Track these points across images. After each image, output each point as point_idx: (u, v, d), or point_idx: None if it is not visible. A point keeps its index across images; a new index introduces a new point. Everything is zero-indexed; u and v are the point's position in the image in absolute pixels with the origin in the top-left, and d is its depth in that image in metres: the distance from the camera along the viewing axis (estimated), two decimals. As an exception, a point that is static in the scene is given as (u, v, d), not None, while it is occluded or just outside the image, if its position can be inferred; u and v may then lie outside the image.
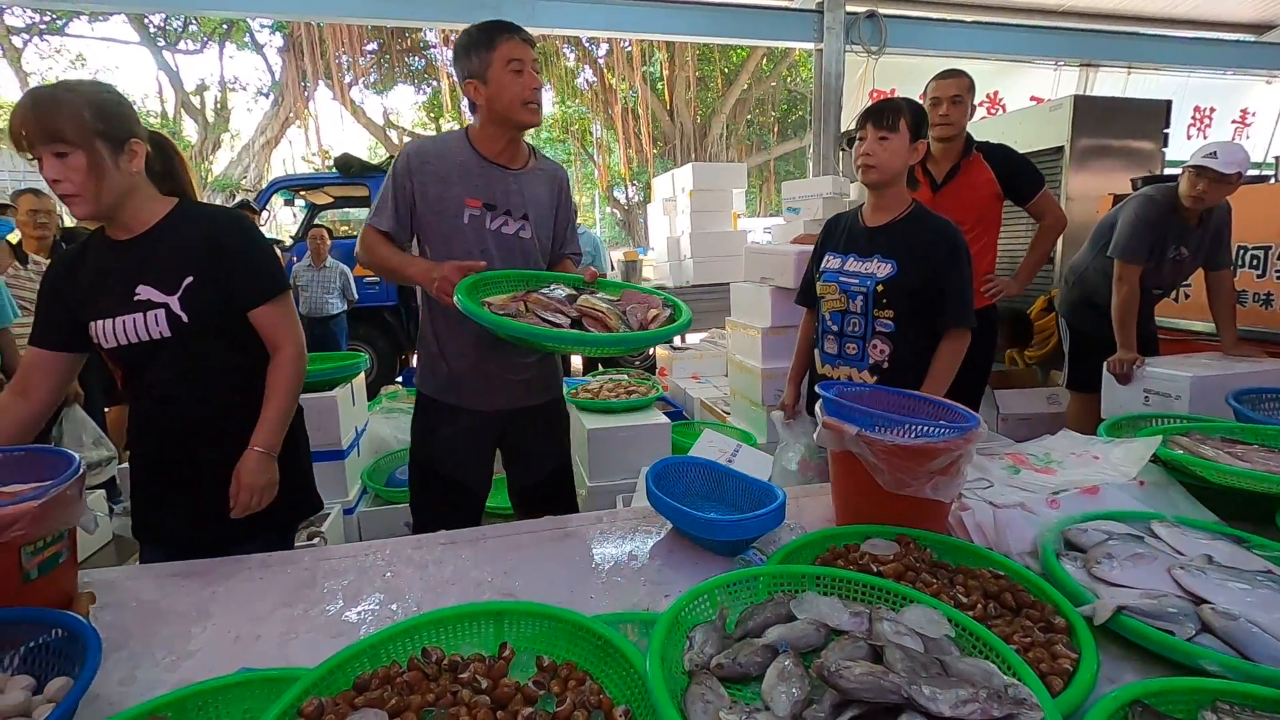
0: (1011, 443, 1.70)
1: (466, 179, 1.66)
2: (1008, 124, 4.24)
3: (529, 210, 1.72)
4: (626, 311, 1.57)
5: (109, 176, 1.25)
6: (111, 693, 0.92)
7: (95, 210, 1.28)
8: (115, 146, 1.26)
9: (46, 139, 1.20)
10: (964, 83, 2.50)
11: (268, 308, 1.40)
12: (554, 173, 1.82)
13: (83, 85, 1.25)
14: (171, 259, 1.33)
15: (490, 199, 1.68)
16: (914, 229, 1.84)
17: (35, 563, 1.01)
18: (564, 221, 1.84)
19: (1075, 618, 0.95)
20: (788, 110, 17.23)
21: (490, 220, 1.68)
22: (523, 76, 1.60)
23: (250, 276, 1.38)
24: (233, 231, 1.38)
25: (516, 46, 1.59)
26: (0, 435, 1.32)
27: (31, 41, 13.82)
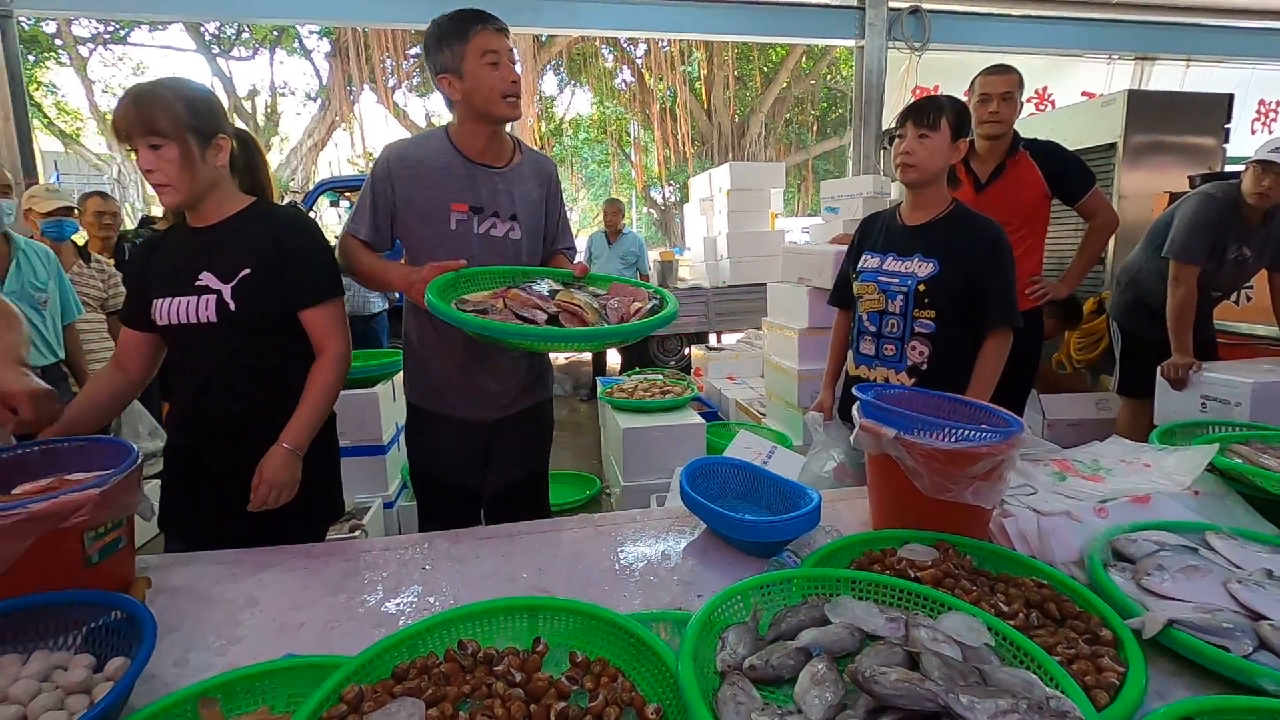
0: (1057, 448, 1.65)
1: (451, 182, 1.60)
2: (1057, 120, 4.12)
3: (518, 210, 1.66)
4: (607, 306, 1.50)
5: (196, 168, 1.33)
6: (165, 673, 0.96)
7: (182, 199, 1.36)
8: (203, 140, 1.33)
9: (143, 131, 1.28)
10: (1014, 79, 2.44)
11: (319, 310, 1.44)
12: (542, 167, 1.74)
13: (178, 83, 1.34)
14: (235, 250, 1.39)
15: (477, 201, 1.61)
16: (955, 228, 1.81)
17: (97, 547, 1.06)
18: (555, 217, 1.78)
19: (1123, 630, 0.92)
20: (827, 108, 17.00)
21: (478, 224, 1.62)
22: (499, 69, 1.52)
23: (307, 277, 1.43)
24: (298, 233, 1.44)
25: (491, 37, 1.51)
26: (98, 403, 1.45)
27: (96, 50, 14.46)
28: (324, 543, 1.42)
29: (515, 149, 1.70)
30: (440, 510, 1.80)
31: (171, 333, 1.41)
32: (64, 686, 0.83)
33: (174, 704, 0.82)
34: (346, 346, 1.47)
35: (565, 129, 17.19)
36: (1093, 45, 6.33)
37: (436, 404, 1.73)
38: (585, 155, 18.10)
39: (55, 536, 0.98)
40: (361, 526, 2.63)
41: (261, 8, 5.04)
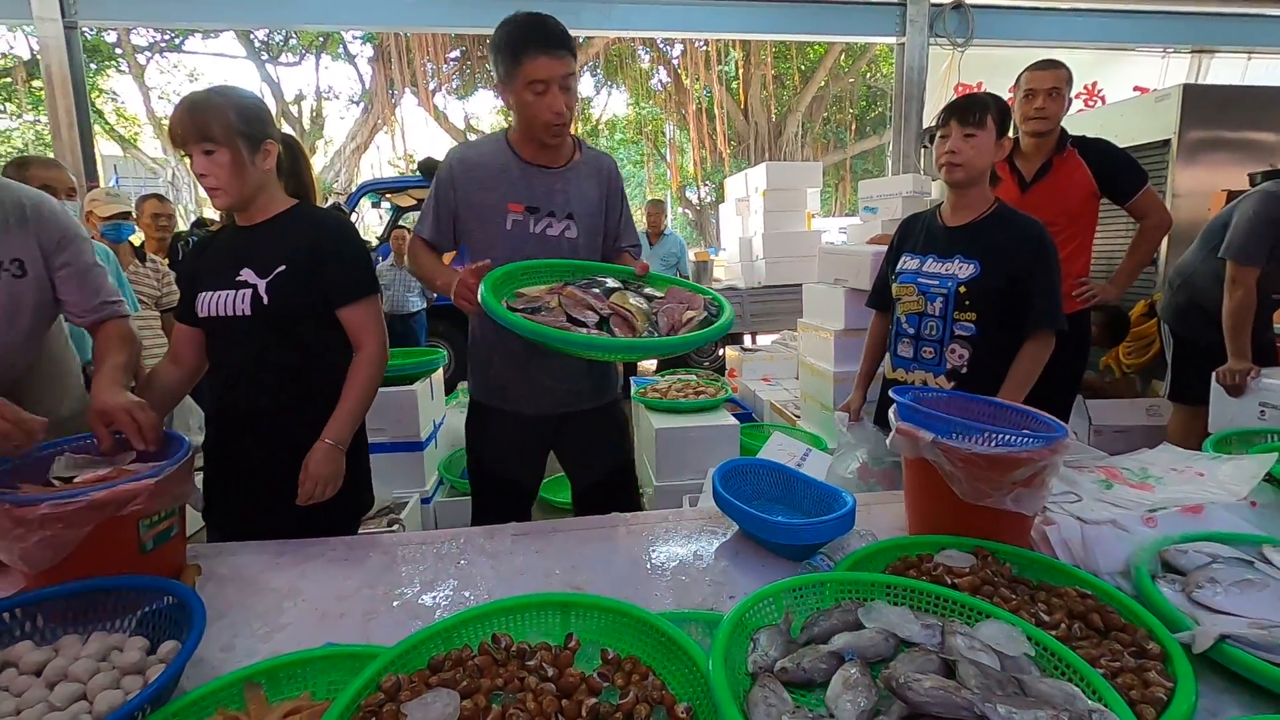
0: (1104, 455, 1.60)
1: (508, 183, 1.63)
2: (1107, 117, 3.99)
3: (574, 209, 1.66)
4: (659, 312, 1.48)
5: (246, 172, 1.39)
6: (213, 657, 1.00)
7: (233, 202, 1.42)
8: (253, 146, 1.39)
9: (197, 138, 1.34)
10: (1062, 74, 2.37)
11: (356, 307, 1.48)
12: (601, 165, 1.74)
13: (229, 91, 1.41)
14: (274, 247, 1.45)
15: (533, 201, 1.64)
16: (998, 228, 1.77)
17: (151, 535, 1.11)
18: (615, 214, 1.77)
19: (1172, 644, 0.88)
20: (866, 107, 16.75)
21: (534, 223, 1.64)
22: (545, 97, 1.50)
23: (344, 276, 1.47)
24: (335, 235, 1.48)
25: (542, 65, 1.47)
26: (155, 395, 1.49)
27: (153, 58, 15.06)
28: (364, 536, 1.45)
29: (575, 149, 1.71)
30: (492, 505, 1.82)
31: (210, 325, 1.48)
32: (120, 667, 0.87)
33: (222, 687, 0.85)
34: (383, 343, 1.51)
35: (601, 130, 17.29)
36: (1146, 38, 6.10)
37: (498, 400, 1.76)
38: (621, 156, 18.15)
39: (112, 524, 1.03)
40: (399, 521, 2.68)
41: (308, 14, 5.19)
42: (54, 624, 0.97)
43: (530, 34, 1.48)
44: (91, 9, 4.76)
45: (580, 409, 1.77)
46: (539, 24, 1.49)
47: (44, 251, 1.38)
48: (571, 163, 1.68)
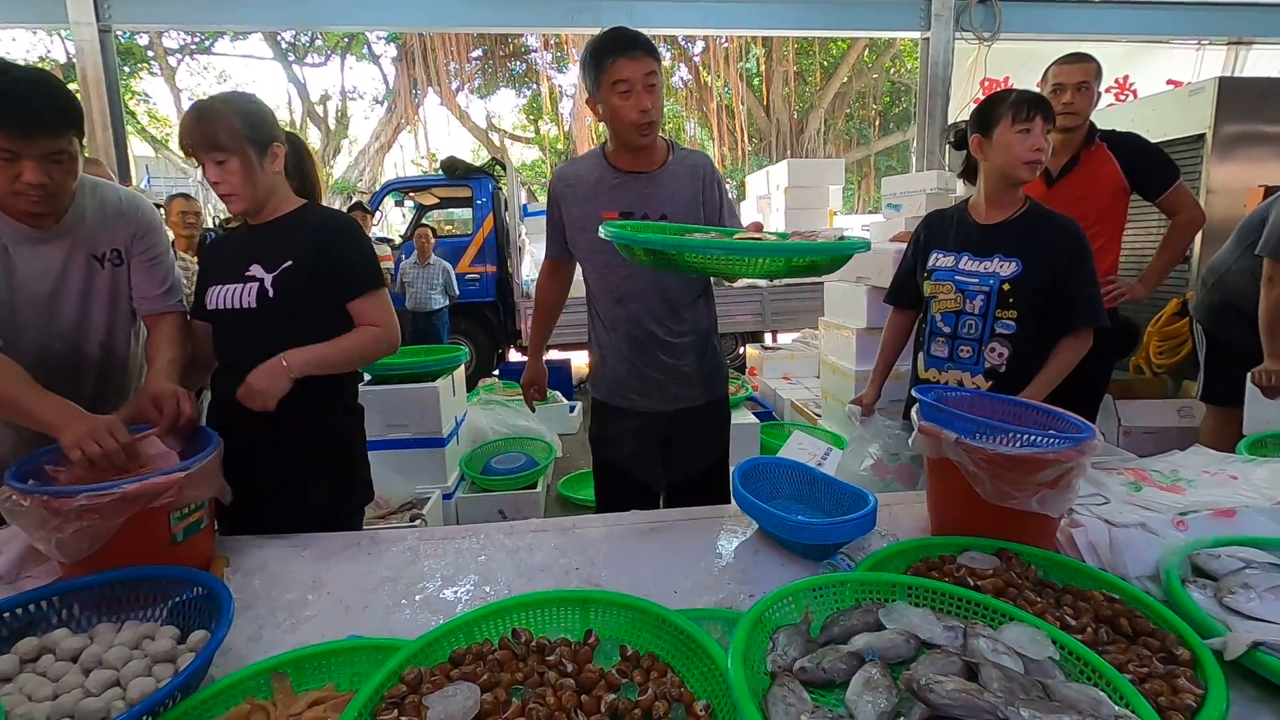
0: (1133, 457, 1.57)
1: (603, 193, 1.71)
2: (1138, 111, 3.89)
3: (667, 209, 1.70)
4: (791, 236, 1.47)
5: (257, 176, 1.43)
6: (241, 647, 1.02)
7: (247, 206, 1.46)
8: (261, 150, 1.43)
9: (208, 147, 1.38)
10: (1091, 68, 2.32)
11: (366, 298, 1.51)
12: (695, 163, 1.77)
13: (234, 98, 1.44)
14: (282, 243, 1.48)
15: (627, 207, 1.70)
16: (1035, 226, 1.74)
17: (181, 527, 1.13)
18: (715, 206, 1.78)
19: (1202, 650, 0.87)
20: (890, 103, 16.56)
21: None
22: (630, 98, 1.57)
23: (352, 271, 1.50)
24: (340, 233, 1.51)
25: (623, 66, 1.55)
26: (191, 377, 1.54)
27: (183, 61, 15.37)
28: (387, 530, 1.47)
29: (668, 151, 1.75)
30: (618, 502, 1.80)
31: (217, 319, 1.51)
32: (151, 655, 0.90)
33: (249, 676, 0.87)
34: (392, 327, 1.53)
35: (622, 128, 17.26)
36: (1180, 30, 5.94)
37: (616, 398, 1.84)
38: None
39: (145, 516, 1.06)
40: (421, 516, 2.72)
41: (334, 15, 5.25)
42: (89, 612, 1.00)
43: (611, 42, 1.58)
44: (125, 13, 4.87)
45: (694, 404, 1.83)
46: (618, 32, 1.60)
47: (133, 240, 1.49)
48: (663, 166, 1.73)
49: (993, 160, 1.74)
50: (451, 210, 8.85)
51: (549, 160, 16.77)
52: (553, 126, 16.11)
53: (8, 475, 1.08)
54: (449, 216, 9.55)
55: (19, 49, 14.35)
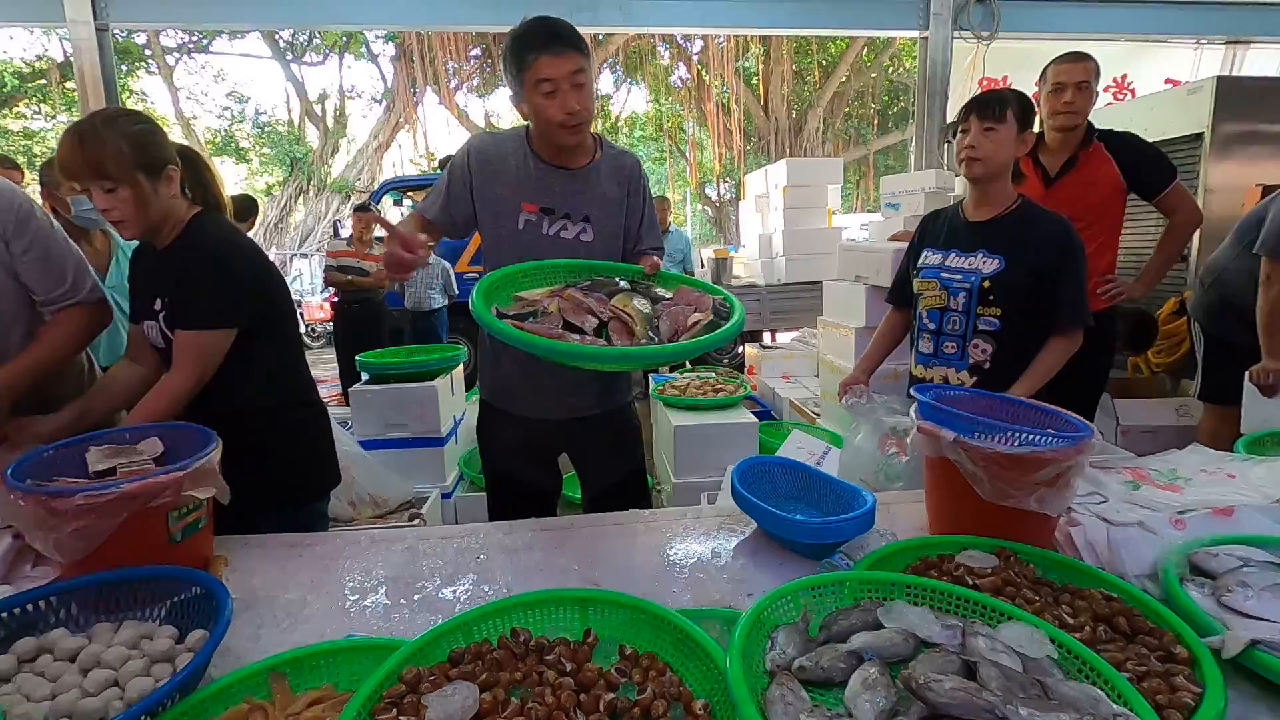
0: (1131, 456, 1.57)
1: (524, 182, 1.59)
2: (1136, 110, 3.90)
3: (590, 211, 1.61)
4: (662, 316, 1.38)
5: (151, 203, 1.39)
6: (239, 647, 1.02)
7: (140, 232, 1.43)
8: (153, 175, 1.38)
9: (93, 175, 1.32)
10: (1090, 67, 2.33)
11: (182, 333, 1.42)
12: (623, 164, 1.66)
13: (120, 119, 1.36)
14: (163, 277, 1.46)
15: (548, 202, 1.59)
16: (1022, 224, 1.75)
17: (180, 526, 1.13)
18: (637, 215, 1.69)
19: (1200, 649, 0.87)
20: (889, 102, 16.56)
21: (548, 225, 1.59)
22: (556, 97, 1.44)
23: (185, 299, 1.43)
24: (195, 257, 1.43)
25: (547, 64, 1.42)
26: (111, 391, 1.54)
27: (181, 60, 15.34)
28: (385, 530, 1.47)
29: (596, 148, 1.65)
30: (510, 507, 1.78)
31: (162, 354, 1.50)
32: (150, 655, 0.89)
33: (248, 676, 0.87)
34: (192, 379, 1.42)
35: (621, 127, 17.29)
36: (1178, 29, 5.94)
37: (504, 402, 1.74)
38: (640, 153, 18.14)
39: (143, 515, 1.05)
40: (420, 515, 2.72)
41: (332, 14, 5.23)
42: (87, 612, 0.99)
43: (533, 36, 1.44)
44: (123, 12, 4.85)
45: (590, 414, 1.73)
46: (541, 24, 1.45)
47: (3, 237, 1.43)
48: (592, 163, 1.62)
49: None
50: (450, 209, 8.85)
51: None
52: (551, 125, 16.08)
53: (6, 474, 1.07)
54: (447, 216, 9.55)
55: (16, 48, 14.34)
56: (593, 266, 1.57)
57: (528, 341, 1.21)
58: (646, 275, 1.55)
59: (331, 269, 5.58)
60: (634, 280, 1.54)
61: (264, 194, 16.58)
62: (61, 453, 1.22)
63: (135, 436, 1.29)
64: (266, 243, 15.07)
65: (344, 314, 5.79)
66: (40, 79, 13.56)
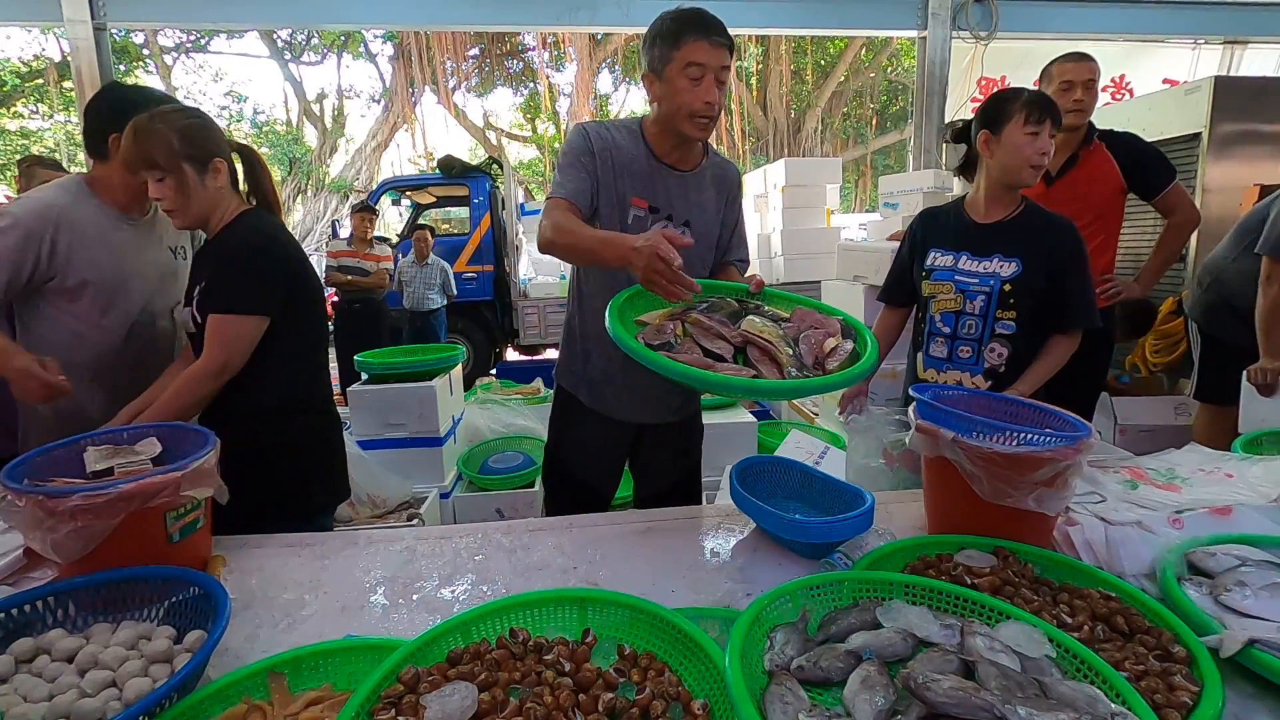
0: (1130, 455, 1.58)
1: (636, 176, 1.55)
2: (1134, 110, 3.91)
3: (691, 215, 1.60)
4: (800, 341, 1.33)
5: (196, 194, 1.45)
6: (238, 647, 1.02)
7: (189, 222, 1.50)
8: (200, 167, 1.44)
9: (145, 165, 1.42)
10: (1095, 66, 2.34)
11: (214, 317, 1.44)
12: (725, 173, 1.68)
13: (174, 114, 1.44)
14: (206, 265, 1.51)
15: (656, 201, 1.57)
16: (1033, 227, 1.75)
17: (178, 527, 1.13)
18: (730, 225, 1.70)
19: (1198, 648, 0.87)
20: (887, 102, 16.57)
21: (651, 223, 1.55)
22: (699, 86, 1.44)
23: (219, 284, 1.46)
24: (232, 244, 1.49)
25: (703, 49, 1.42)
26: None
27: (179, 59, 15.32)
28: (384, 530, 1.47)
29: (704, 153, 1.65)
30: (567, 504, 1.74)
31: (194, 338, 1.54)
32: (148, 655, 0.89)
33: (246, 676, 0.87)
34: (221, 363, 1.44)
35: (619, 126, 17.25)
36: (1176, 29, 5.95)
37: (589, 398, 1.71)
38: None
39: (141, 516, 1.05)
40: (419, 515, 2.71)
41: (330, 14, 5.23)
42: (85, 612, 0.99)
43: (694, 20, 1.45)
44: (120, 11, 4.85)
45: (666, 421, 1.75)
46: (703, 13, 1.46)
47: None
48: (699, 167, 1.62)
49: (999, 159, 1.72)
50: (448, 209, 8.86)
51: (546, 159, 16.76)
52: (550, 125, 16.10)
53: (2, 474, 1.07)
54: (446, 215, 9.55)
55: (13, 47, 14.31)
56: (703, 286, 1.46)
57: (692, 376, 1.17)
58: (752, 294, 1.50)
59: (331, 269, 5.58)
60: (741, 300, 1.49)
61: (262, 194, 16.55)
62: (59, 453, 1.22)
63: (133, 437, 1.29)
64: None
65: (343, 314, 5.80)
66: (38, 78, 13.53)
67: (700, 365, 1.22)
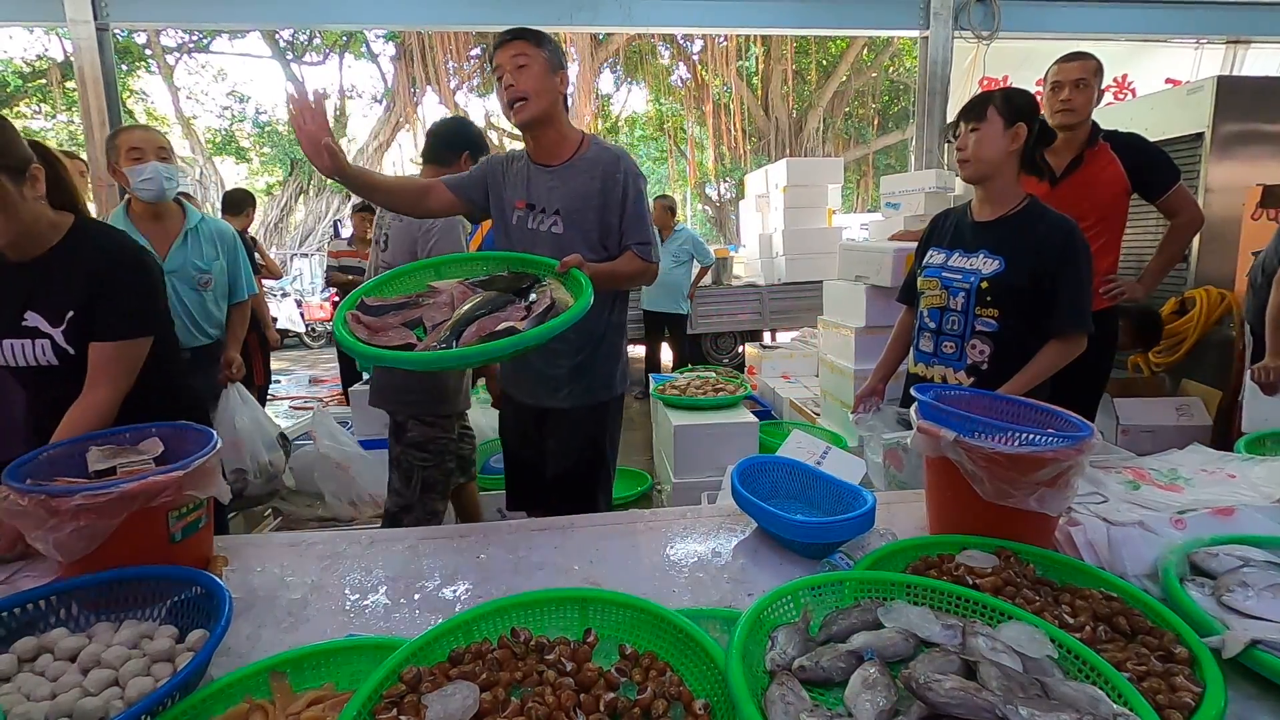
0: (1132, 456, 1.57)
1: (517, 181, 1.79)
2: (1137, 110, 3.90)
3: (561, 205, 1.73)
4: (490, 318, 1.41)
5: (20, 209, 1.26)
6: (239, 646, 1.02)
7: (9, 241, 1.30)
8: (17, 177, 1.25)
9: None
10: (1090, 65, 2.32)
11: (106, 345, 1.37)
12: (604, 161, 1.73)
13: None
14: (60, 289, 1.34)
15: (531, 198, 1.77)
16: (1026, 225, 1.75)
17: (180, 526, 1.13)
18: (616, 210, 1.73)
19: (1200, 649, 0.87)
20: (889, 102, 16.55)
21: (531, 219, 1.77)
22: (501, 82, 1.67)
23: (110, 310, 1.37)
24: (113, 264, 1.38)
25: (498, 54, 1.66)
26: None
27: (181, 59, 15.33)
28: (385, 530, 1.47)
29: (580, 145, 1.77)
30: (515, 481, 2.08)
31: (14, 373, 1.39)
32: (150, 654, 0.89)
33: (248, 676, 0.87)
34: (120, 392, 1.38)
35: (621, 126, 17.28)
36: (1179, 29, 5.94)
37: (507, 385, 1.99)
38: (641, 153, 18.15)
39: (143, 515, 1.05)
40: (420, 515, 2.71)
41: (332, 14, 5.24)
42: (88, 611, 0.99)
43: (497, 39, 1.69)
44: (123, 11, 4.85)
45: (564, 405, 1.86)
46: (503, 31, 1.69)
47: None
48: (568, 160, 1.75)
49: None
50: (450, 209, 8.84)
51: (548, 159, 16.69)
52: (551, 125, 16.10)
53: (5, 474, 1.07)
54: (448, 215, 9.53)
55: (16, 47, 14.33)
56: (521, 260, 1.65)
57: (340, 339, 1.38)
58: (558, 273, 1.56)
59: (333, 269, 5.58)
60: (535, 278, 1.58)
61: (264, 194, 16.55)
62: (62, 452, 1.22)
63: (135, 437, 1.29)
64: (267, 242, 15.03)
65: (344, 314, 5.80)
66: (41, 79, 13.55)
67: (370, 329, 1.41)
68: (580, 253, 1.63)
